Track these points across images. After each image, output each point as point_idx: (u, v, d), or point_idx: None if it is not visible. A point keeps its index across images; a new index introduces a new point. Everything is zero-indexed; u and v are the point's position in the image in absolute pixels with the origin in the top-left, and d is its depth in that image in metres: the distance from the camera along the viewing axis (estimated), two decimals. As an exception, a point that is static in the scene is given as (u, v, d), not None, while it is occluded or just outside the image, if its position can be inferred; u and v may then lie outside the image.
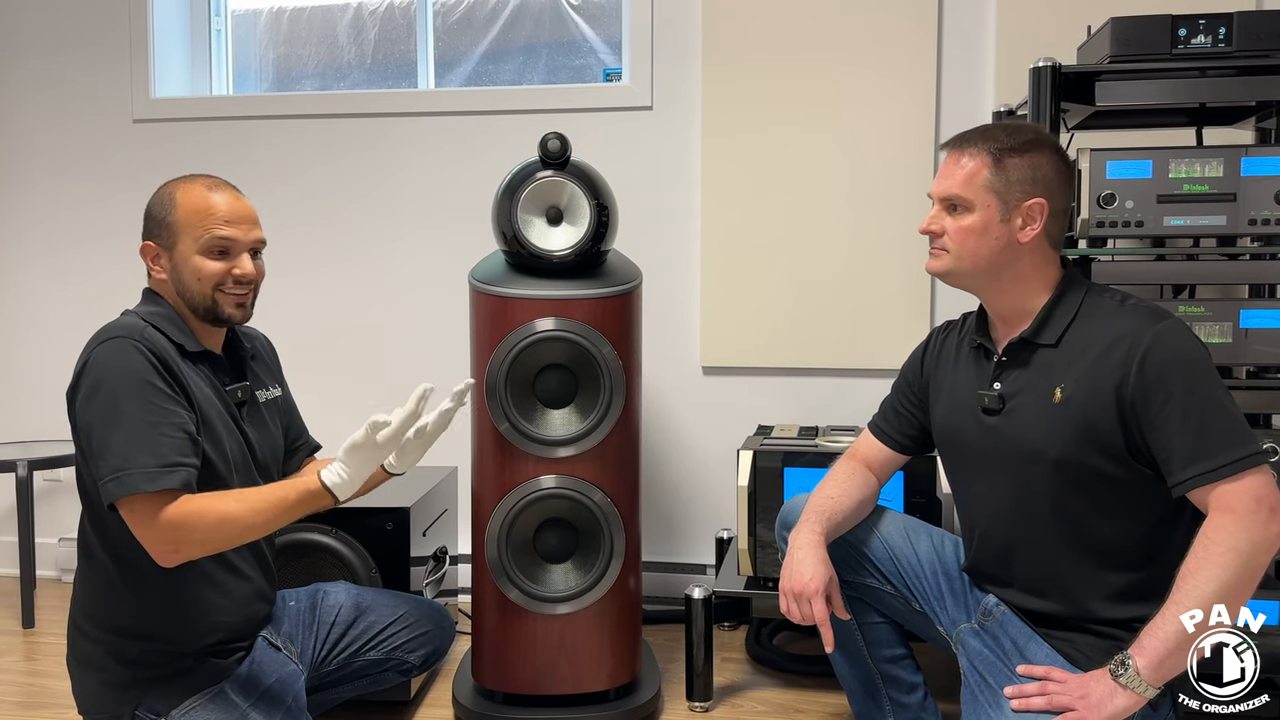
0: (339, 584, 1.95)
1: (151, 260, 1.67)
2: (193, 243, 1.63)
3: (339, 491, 1.61)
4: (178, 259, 1.64)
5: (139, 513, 1.49)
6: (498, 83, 3.19)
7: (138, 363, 1.52)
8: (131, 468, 1.48)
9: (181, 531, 1.50)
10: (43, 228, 3.21)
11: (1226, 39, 2.00)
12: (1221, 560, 1.39)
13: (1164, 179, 2.03)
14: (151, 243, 1.66)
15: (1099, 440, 1.52)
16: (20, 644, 2.71)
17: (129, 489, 1.47)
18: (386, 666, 1.90)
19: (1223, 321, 2.02)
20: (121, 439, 1.49)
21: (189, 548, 1.53)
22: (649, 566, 2.82)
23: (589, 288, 2.10)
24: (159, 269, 1.66)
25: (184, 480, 1.51)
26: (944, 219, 1.63)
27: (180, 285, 1.64)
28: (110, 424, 1.50)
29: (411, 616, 1.92)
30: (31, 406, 3.19)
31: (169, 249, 1.64)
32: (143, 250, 1.67)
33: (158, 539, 1.50)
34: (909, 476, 2.24)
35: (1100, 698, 1.43)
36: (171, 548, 1.51)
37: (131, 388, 1.51)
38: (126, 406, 1.50)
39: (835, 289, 2.80)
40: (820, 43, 2.76)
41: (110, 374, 1.52)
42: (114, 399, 1.51)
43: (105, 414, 1.51)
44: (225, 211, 1.65)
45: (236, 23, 3.35)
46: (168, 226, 1.64)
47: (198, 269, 1.63)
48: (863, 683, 1.89)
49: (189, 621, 1.61)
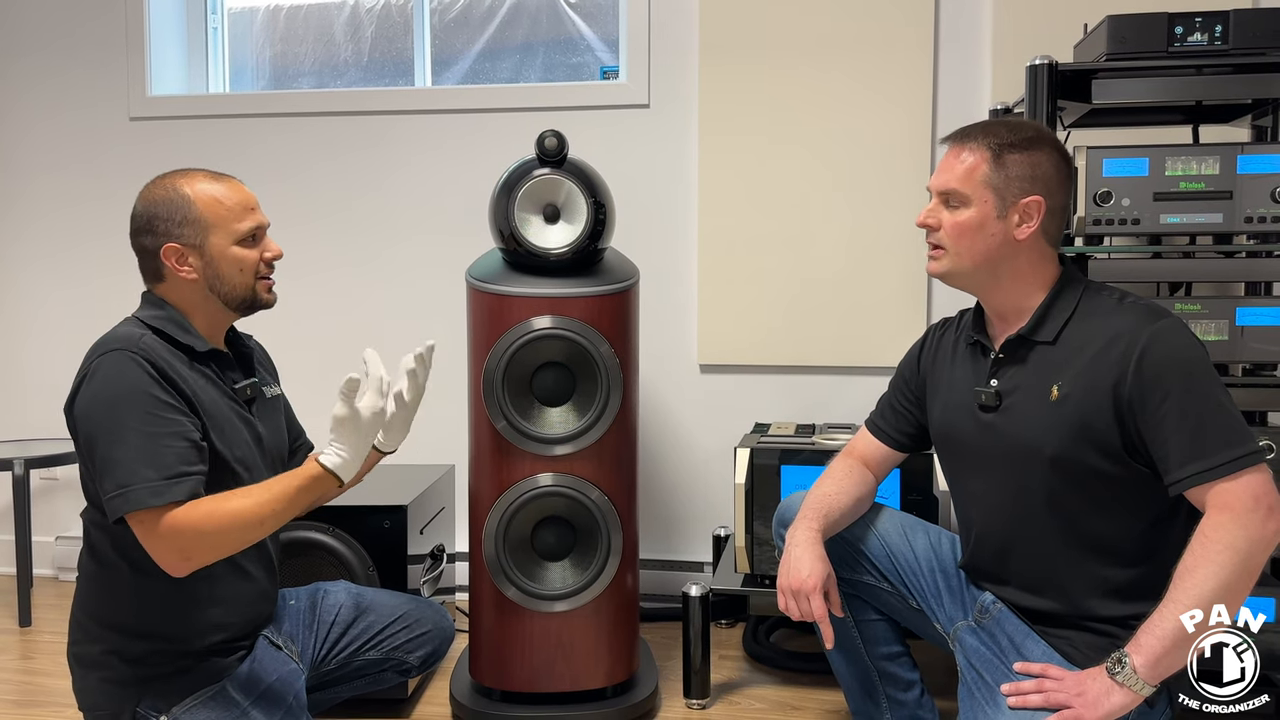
0: (339, 583, 1.94)
1: (176, 261, 1.61)
2: (227, 235, 1.62)
3: (341, 472, 1.59)
4: (212, 254, 1.61)
5: (146, 525, 1.48)
6: (495, 81, 3.19)
7: (135, 374, 1.51)
8: (135, 483, 1.46)
9: (190, 538, 1.49)
10: (39, 225, 3.20)
11: (1223, 37, 2.00)
12: (1219, 558, 1.39)
13: (1160, 177, 2.03)
14: (175, 244, 1.60)
15: (1095, 438, 1.52)
16: (17, 643, 2.71)
17: (134, 504, 1.46)
18: (385, 666, 1.90)
19: (1219, 319, 2.02)
20: (124, 453, 1.48)
21: (201, 553, 1.52)
22: (646, 564, 2.82)
23: (586, 286, 2.10)
24: (187, 269, 1.61)
25: (190, 490, 1.50)
26: (941, 213, 1.63)
27: (217, 279, 1.63)
28: (112, 439, 1.49)
29: (411, 617, 1.92)
30: (28, 405, 3.19)
31: (197, 246, 1.61)
32: (165, 252, 1.60)
33: (167, 549, 1.49)
34: (906, 474, 2.25)
35: (1097, 695, 1.43)
36: (182, 556, 1.50)
37: (131, 400, 1.50)
38: (127, 420, 1.49)
39: (832, 287, 2.80)
40: (817, 40, 2.76)
41: (108, 388, 1.51)
42: (114, 413, 1.49)
43: (106, 429, 1.49)
44: (242, 198, 1.65)
45: (233, 20, 3.34)
46: (192, 223, 1.60)
47: (239, 260, 1.63)
48: (860, 680, 1.89)
49: (194, 621, 1.61)
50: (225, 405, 1.64)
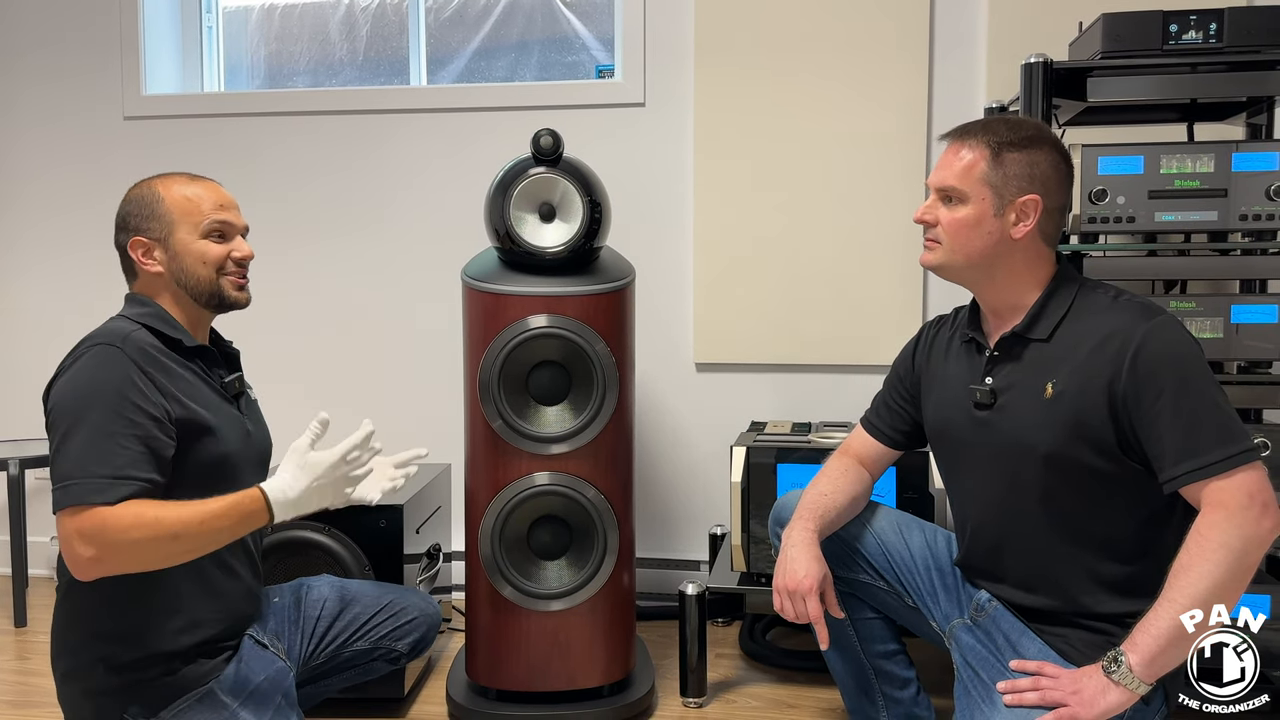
0: (323, 577, 1.93)
1: (142, 254, 1.64)
2: (191, 229, 1.64)
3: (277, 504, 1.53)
4: (176, 247, 1.63)
5: (69, 518, 1.44)
6: (490, 79, 3.19)
7: (114, 371, 1.50)
8: (80, 477, 1.44)
9: (109, 537, 1.43)
10: (33, 224, 3.19)
11: (1217, 34, 2.01)
12: (1214, 557, 1.39)
13: (1155, 175, 2.03)
14: (141, 237, 1.64)
15: (1090, 436, 1.52)
16: (12, 643, 2.70)
17: (74, 499, 1.43)
18: (375, 656, 1.89)
19: (1213, 317, 2.03)
20: (77, 447, 1.46)
21: (114, 557, 1.45)
22: (642, 563, 2.82)
23: (582, 284, 2.10)
24: (151, 262, 1.64)
25: (130, 494, 1.46)
26: (938, 209, 1.63)
27: (181, 273, 1.64)
28: (71, 430, 1.47)
29: (397, 605, 1.91)
30: (24, 405, 3.15)
31: (162, 240, 1.63)
32: (131, 245, 1.64)
33: (83, 544, 1.43)
34: (901, 471, 2.25)
35: (1093, 694, 1.44)
36: (94, 557, 1.44)
37: (101, 396, 1.48)
38: (90, 415, 1.47)
39: (828, 285, 2.80)
40: (812, 39, 2.76)
41: (83, 380, 1.50)
42: (81, 405, 1.48)
43: (70, 419, 1.48)
44: (216, 197, 1.68)
45: (228, 19, 3.33)
46: (158, 218, 1.63)
47: (202, 253, 1.64)
48: (856, 678, 1.89)
49: (181, 623, 1.59)
50: (216, 400, 1.65)
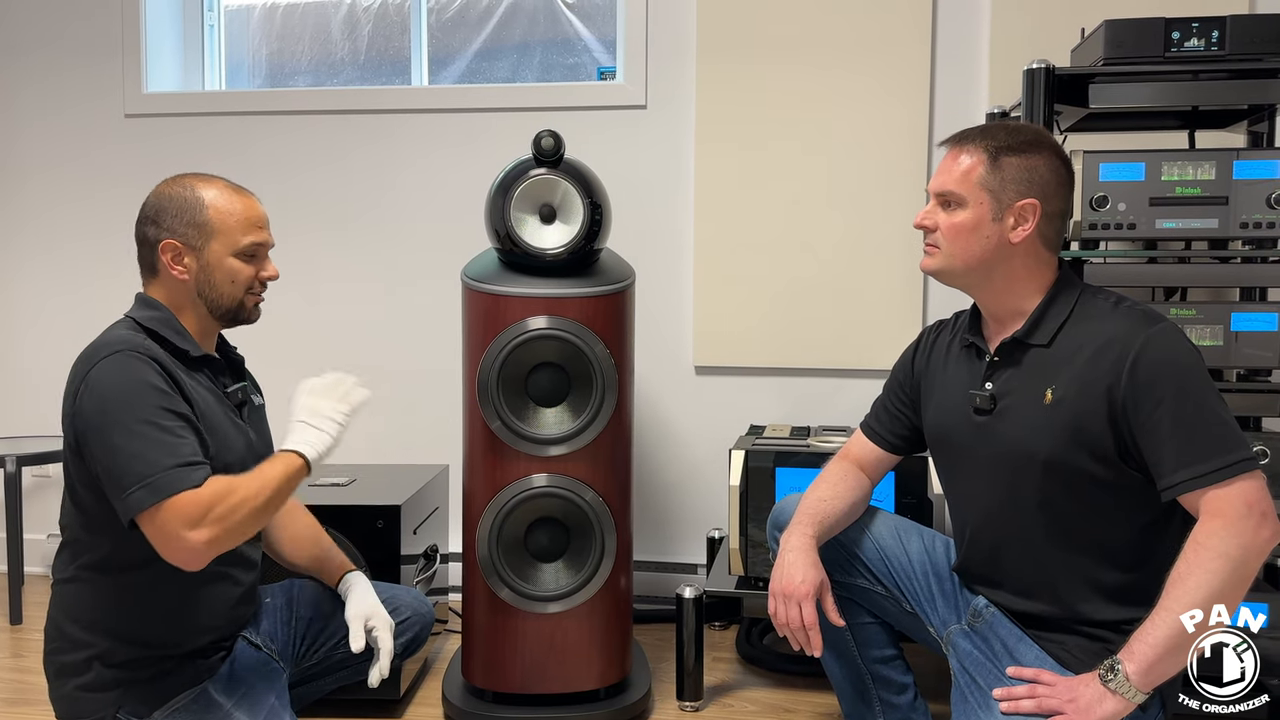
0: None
1: (172, 258, 1.62)
2: (228, 246, 1.63)
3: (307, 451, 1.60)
4: (209, 259, 1.62)
5: (163, 515, 1.45)
6: (491, 80, 3.19)
7: (143, 371, 1.50)
8: (157, 472, 1.45)
9: (216, 517, 1.47)
10: (34, 222, 3.19)
11: (1219, 42, 2.01)
12: (1212, 565, 1.39)
13: (1156, 182, 2.03)
14: (175, 240, 1.61)
15: (1089, 442, 1.51)
16: (8, 640, 2.70)
17: (162, 492, 1.44)
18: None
19: (1213, 324, 2.03)
20: (142, 446, 1.46)
21: (223, 533, 1.48)
22: (640, 566, 2.82)
23: (582, 286, 2.10)
24: (180, 269, 1.62)
25: (206, 476, 1.49)
26: (938, 214, 1.63)
27: (207, 286, 1.63)
28: (128, 433, 1.47)
29: (390, 605, 1.90)
30: (21, 402, 3.18)
31: (198, 249, 1.62)
32: (163, 247, 1.61)
33: (192, 533, 1.45)
34: (900, 477, 2.25)
35: (1089, 702, 1.43)
36: (208, 538, 1.46)
37: (140, 397, 1.49)
38: (138, 415, 1.48)
39: (828, 289, 2.80)
40: (814, 43, 2.76)
41: (114, 387, 1.49)
42: (122, 410, 1.48)
43: (115, 427, 1.47)
44: (256, 216, 1.67)
45: (229, 18, 3.33)
46: (199, 227, 1.61)
47: (233, 271, 1.64)
48: (853, 683, 1.89)
49: (183, 624, 1.60)
50: (221, 411, 1.63)
